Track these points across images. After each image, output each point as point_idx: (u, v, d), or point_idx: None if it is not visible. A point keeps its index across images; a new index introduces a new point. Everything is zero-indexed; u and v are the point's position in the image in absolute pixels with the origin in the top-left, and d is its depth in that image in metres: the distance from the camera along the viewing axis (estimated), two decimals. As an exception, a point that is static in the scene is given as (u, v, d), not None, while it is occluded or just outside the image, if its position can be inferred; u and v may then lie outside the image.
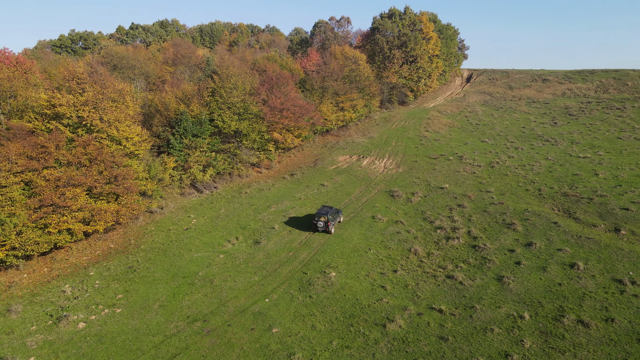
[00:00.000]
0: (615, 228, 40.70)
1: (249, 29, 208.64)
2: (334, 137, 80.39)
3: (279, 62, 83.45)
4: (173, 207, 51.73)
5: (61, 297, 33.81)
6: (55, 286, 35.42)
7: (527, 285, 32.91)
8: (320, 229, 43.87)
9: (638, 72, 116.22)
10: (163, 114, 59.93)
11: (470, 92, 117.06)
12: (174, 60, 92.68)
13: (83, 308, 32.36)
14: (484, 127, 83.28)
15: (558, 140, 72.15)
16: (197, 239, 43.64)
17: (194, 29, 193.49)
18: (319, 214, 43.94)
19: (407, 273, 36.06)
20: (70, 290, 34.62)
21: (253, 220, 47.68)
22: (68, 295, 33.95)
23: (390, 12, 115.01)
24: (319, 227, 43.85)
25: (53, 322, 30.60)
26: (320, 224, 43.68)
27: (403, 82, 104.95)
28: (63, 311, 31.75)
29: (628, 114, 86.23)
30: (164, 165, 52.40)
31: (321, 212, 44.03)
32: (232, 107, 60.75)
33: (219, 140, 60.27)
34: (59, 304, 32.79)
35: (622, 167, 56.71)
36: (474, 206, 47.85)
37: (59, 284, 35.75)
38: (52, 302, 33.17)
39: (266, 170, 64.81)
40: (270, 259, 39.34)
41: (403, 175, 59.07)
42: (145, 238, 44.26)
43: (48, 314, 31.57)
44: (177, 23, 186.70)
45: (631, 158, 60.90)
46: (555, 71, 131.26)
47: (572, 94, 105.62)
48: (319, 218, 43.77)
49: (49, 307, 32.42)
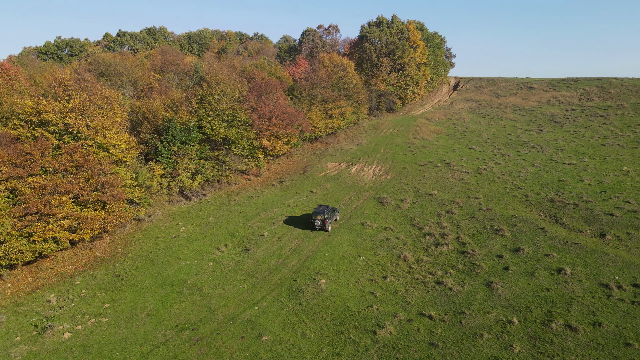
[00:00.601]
0: (600, 233, 41.26)
1: (237, 36, 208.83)
2: (322, 144, 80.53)
3: (268, 69, 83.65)
4: (161, 214, 51.24)
5: (46, 307, 33.20)
6: (40, 296, 34.78)
7: (516, 291, 33.16)
8: (317, 227, 45.28)
9: (620, 80, 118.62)
10: (151, 121, 59.55)
11: (457, 100, 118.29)
12: (162, 67, 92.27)
13: (69, 318, 31.80)
14: (471, 134, 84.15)
15: (544, 147, 73.15)
16: (186, 247, 43.24)
17: (182, 37, 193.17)
18: (315, 213, 45.35)
19: (397, 279, 36.10)
20: (56, 300, 34.02)
21: (242, 227, 47.42)
22: (53, 305, 33.35)
23: (378, 21, 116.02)
24: (316, 225, 45.22)
25: (38, 332, 30.00)
26: (317, 222, 45.07)
27: (391, 89, 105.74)
28: (48, 321, 31.16)
29: (611, 122, 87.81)
30: (151, 172, 51.98)
31: (317, 211, 45.47)
32: (221, 114, 60.61)
33: (207, 147, 60.00)
34: (43, 314, 32.19)
35: (606, 174, 57.65)
36: (462, 212, 48.19)
37: (44, 293, 35.12)
38: (37, 312, 32.55)
39: (255, 177, 64.62)
40: (259, 266, 39.12)
41: (392, 182, 59.32)
42: (132, 246, 43.74)
43: (33, 324, 30.96)
44: (165, 30, 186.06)
45: (615, 164, 61.94)
46: (540, 79, 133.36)
47: (557, 102, 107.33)
48: (316, 217, 45.13)
49: (34, 317, 31.80)
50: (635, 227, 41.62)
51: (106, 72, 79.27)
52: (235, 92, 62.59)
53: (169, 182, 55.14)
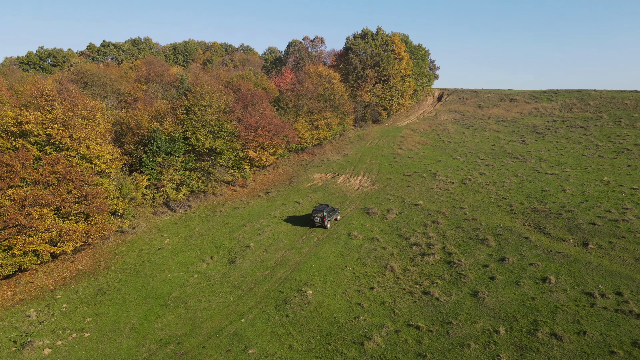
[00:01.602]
0: (583, 242, 41.88)
1: (222, 47, 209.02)
2: (309, 155, 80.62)
3: (254, 80, 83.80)
4: (145, 226, 50.52)
5: (25, 322, 32.27)
6: (19, 310, 33.82)
7: (502, 300, 33.35)
8: (317, 224, 48.53)
9: (599, 92, 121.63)
10: (135, 132, 58.96)
11: (441, 111, 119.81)
12: (147, 78, 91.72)
13: (49, 333, 30.95)
14: (456, 144, 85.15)
15: (527, 157, 74.34)
16: (171, 259, 42.62)
17: (167, 47, 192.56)
18: (315, 211, 48.62)
19: (384, 290, 36.03)
20: (36, 315, 33.11)
21: (228, 239, 46.98)
22: (33, 320, 32.44)
23: (363, 33, 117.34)
24: (316, 223, 48.48)
25: (17, 348, 29.11)
26: (317, 219, 48.26)
27: (376, 100, 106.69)
28: (27, 337, 30.27)
29: (591, 132, 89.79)
30: (136, 184, 51.34)
31: (317, 209, 48.74)
32: (207, 125, 60.34)
33: (193, 158, 59.57)
34: (23, 330, 31.28)
35: (587, 183, 58.74)
36: (448, 222, 48.51)
37: (24, 308, 34.17)
38: (16, 327, 31.61)
39: (241, 188, 64.27)
40: (245, 278, 38.71)
41: (378, 192, 59.54)
42: (115, 259, 42.96)
43: (11, 340, 30.04)
44: (150, 41, 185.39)
45: (596, 174, 63.19)
46: (522, 91, 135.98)
47: (539, 113, 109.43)
48: (316, 214, 48.35)
49: (13, 333, 30.86)
50: (617, 236, 42.37)
51: (90, 83, 78.47)
52: (221, 103, 62.46)
53: (154, 193, 54.53)
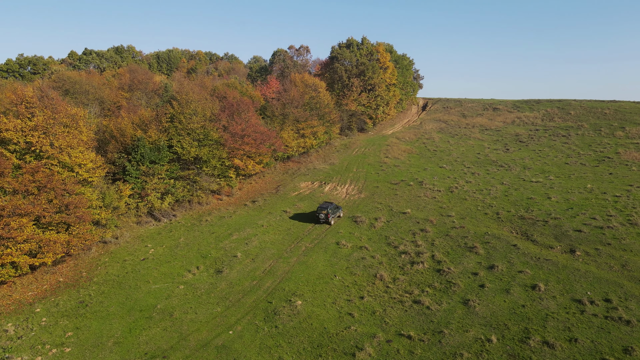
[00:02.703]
0: (570, 249, 42.13)
1: (207, 56, 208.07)
2: (295, 164, 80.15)
3: (239, 88, 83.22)
4: (129, 236, 49.31)
5: (3, 337, 30.93)
6: (-4, 325, 32.46)
7: (492, 308, 33.19)
8: (321, 220, 51.64)
9: (579, 102, 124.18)
10: (119, 140, 57.85)
11: (426, 120, 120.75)
12: (131, 86, 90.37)
13: (28, 348, 29.69)
14: (442, 153, 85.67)
15: (511, 165, 75.10)
16: (156, 270, 41.56)
17: (151, 56, 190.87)
18: (320, 208, 51.92)
19: (374, 299, 35.60)
20: (14, 330, 31.79)
21: (214, 248, 46.09)
22: (11, 335, 31.11)
23: (348, 42, 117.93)
24: (321, 219, 51.59)
25: (-7, 365, 27.84)
26: (322, 216, 51.37)
27: (362, 109, 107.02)
28: (5, 352, 28.98)
29: (573, 141, 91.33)
30: (119, 192, 50.18)
31: (322, 207, 52.09)
32: (192, 133, 59.52)
33: (178, 167, 58.61)
34: (0, 345, 29.94)
35: (572, 191, 59.45)
36: (436, 230, 48.45)
37: (1, 322, 32.78)
38: (-8, 343, 30.28)
39: (227, 197, 63.41)
40: (233, 288, 37.89)
41: (365, 201, 59.32)
42: (98, 270, 41.71)
43: (-13, 357, 28.73)
44: (133, 49, 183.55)
45: (579, 182, 64.05)
46: (504, 100, 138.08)
47: (521, 122, 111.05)
48: (321, 211, 51.56)
49: (-11, 349, 29.54)
50: (603, 243, 42.76)
51: (71, 90, 76.88)
52: (206, 111, 61.74)
53: (137, 202, 53.36)
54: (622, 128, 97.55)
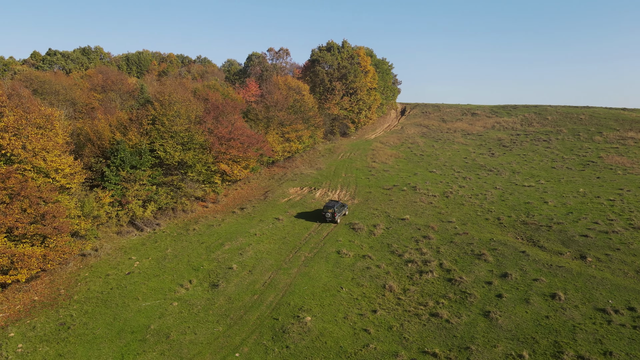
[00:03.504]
0: (580, 255, 40.98)
1: (179, 59, 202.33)
2: (280, 169, 77.18)
3: (221, 91, 79.77)
4: (110, 248, 45.18)
5: (-28, 369, 26.80)
6: (-37, 355, 28.19)
7: (516, 320, 31.30)
8: (327, 219, 51.41)
9: (554, 107, 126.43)
10: (95, 144, 53.57)
11: (407, 125, 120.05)
12: (104, 87, 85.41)
13: (3, 382, 25.71)
14: (429, 157, 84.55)
15: (500, 170, 74.57)
16: (144, 285, 37.79)
17: (120, 58, 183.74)
18: (326, 207, 51.86)
19: (388, 313, 33.15)
20: (-15, 359, 27.64)
21: (206, 260, 42.63)
22: (-18, 366, 27.00)
23: (329, 45, 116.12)
24: (327, 217, 51.41)
25: (-38, 404, 23.75)
26: (328, 215, 51.20)
27: (344, 113, 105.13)
28: (-24, 388, 24.94)
29: (554, 146, 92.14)
30: (98, 200, 46.05)
31: (328, 205, 52.14)
32: (176, 136, 55.81)
33: (160, 172, 54.76)
34: (-31, 379, 25.85)
35: (566, 195, 58.96)
36: (439, 237, 46.56)
37: (-31, 351, 28.53)
38: (-40, 376, 26.11)
39: (212, 204, 59.79)
40: (232, 304, 34.65)
41: (360, 207, 57.00)
42: (78, 286, 37.59)
43: (-46, 394, 24.59)
44: (101, 50, 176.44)
45: (570, 186, 63.84)
46: (482, 106, 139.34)
47: (501, 127, 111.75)
48: (327, 210, 51.41)
49: (-44, 384, 25.38)
50: (612, 248, 41.84)
51: (40, 90, 71.58)
52: (191, 113, 58.12)
53: (118, 211, 49.22)
54: (600, 133, 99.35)
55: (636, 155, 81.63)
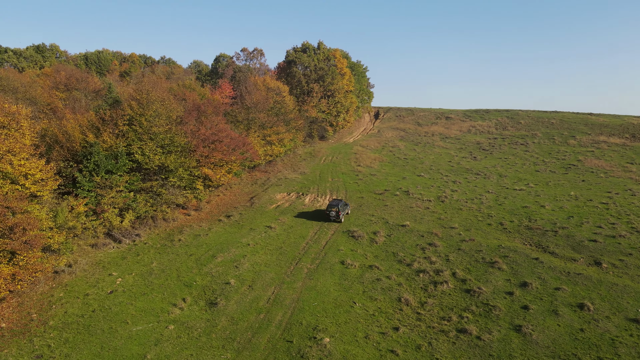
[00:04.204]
0: (595, 261, 39.62)
1: (142, 59, 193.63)
2: (262, 174, 73.30)
3: (198, 91, 75.15)
4: (86, 263, 40.13)
5: None
6: None
7: (550, 335, 29.12)
8: (332, 218, 50.74)
9: (526, 112, 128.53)
10: (65, 146, 48.18)
11: (383, 128, 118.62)
12: (67, 85, 78.72)
13: None
14: (413, 161, 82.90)
15: (487, 173, 73.72)
16: (131, 306, 33.26)
17: (78, 57, 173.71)
18: (330, 206, 51.16)
19: (411, 330, 30.28)
20: (-54, 407, 22.68)
21: (198, 274, 38.44)
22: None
23: (304, 47, 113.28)
24: (331, 217, 50.72)
25: None
26: (332, 214, 50.54)
27: (322, 116, 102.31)
28: None
29: (533, 149, 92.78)
30: (71, 209, 40.91)
31: (332, 204, 51.35)
32: (155, 138, 51.11)
33: (139, 177, 49.93)
34: None
35: (560, 199, 58.33)
36: (446, 244, 44.27)
37: None
38: None
39: (195, 211, 55.25)
40: (237, 325, 30.81)
41: (355, 213, 54.09)
42: (53, 310, 32.62)
43: None
44: (57, 48, 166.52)
45: (560, 190, 63.48)
46: (455, 110, 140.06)
47: (477, 131, 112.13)
48: (331, 209, 50.73)
49: None
50: (624, 254, 40.78)
51: (-6, 87, 64.66)
52: (171, 113, 53.54)
53: (92, 220, 44.09)
54: (573, 137, 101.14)
55: (612, 159, 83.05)
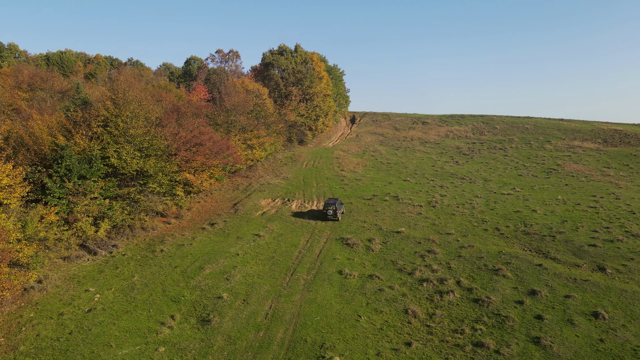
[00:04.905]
0: (598, 267, 38.75)
1: (107, 61, 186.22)
2: (244, 179, 70.21)
3: (175, 92, 71.55)
4: (58, 278, 36.22)
5: None
6: None
7: (571, 347, 27.64)
8: (329, 216, 51.01)
9: (500, 117, 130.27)
10: (31, 149, 44.03)
11: (362, 133, 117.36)
12: (31, 85, 73.49)
13: None
14: (397, 165, 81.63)
15: (472, 178, 73.15)
16: (113, 325, 29.81)
17: (40, 57, 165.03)
18: (327, 204, 51.58)
19: (424, 345, 28.20)
20: None
21: (186, 288, 35.25)
22: None
23: (281, 49, 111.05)
24: (329, 215, 51.02)
25: None
26: (330, 212, 50.89)
27: (301, 120, 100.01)
28: None
29: (511, 154, 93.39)
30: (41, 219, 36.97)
31: (329, 203, 51.79)
32: (133, 141, 47.53)
33: (115, 183, 46.22)
34: None
35: (549, 203, 57.99)
36: (445, 251, 42.63)
37: None
38: None
39: (176, 219, 51.71)
40: (235, 345, 27.92)
41: (346, 219, 51.91)
42: (23, 332, 28.82)
43: None
44: (16, 48, 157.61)
45: (547, 194, 63.36)
46: (430, 115, 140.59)
47: (455, 136, 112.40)
48: (329, 207, 51.16)
49: None
50: (625, 258, 40.16)
51: (-50, 86, 59.25)
52: (150, 114, 50.06)
53: (64, 231, 40.11)
54: (548, 142, 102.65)
55: (590, 163, 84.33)
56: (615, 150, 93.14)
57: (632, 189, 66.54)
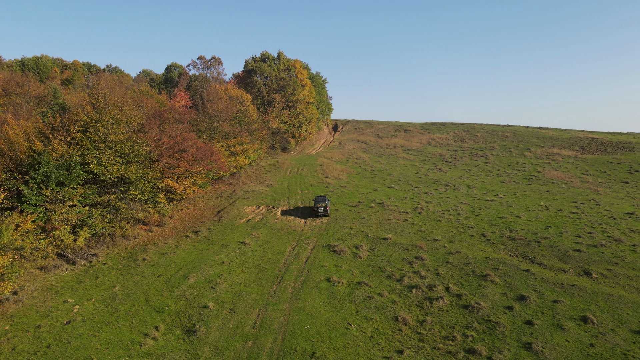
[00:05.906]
0: (584, 272, 39.05)
1: (85, 67, 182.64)
2: (227, 186, 69.15)
3: (156, 98, 70.30)
4: (34, 289, 34.72)
5: None
6: None
7: (562, 352, 27.56)
8: (320, 213, 52.70)
9: (480, 125, 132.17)
10: (6, 155, 42.36)
11: (344, 141, 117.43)
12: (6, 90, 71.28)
13: None
14: (381, 172, 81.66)
15: (456, 185, 73.61)
16: (94, 338, 28.56)
17: (14, 63, 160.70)
18: (317, 201, 53.35)
19: (416, 353, 27.78)
20: None
21: (170, 298, 34.15)
22: None
23: (263, 56, 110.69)
24: (319, 212, 52.69)
25: None
26: (321, 209, 52.60)
27: (284, 127, 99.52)
28: None
29: (493, 161, 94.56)
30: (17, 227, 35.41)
31: (319, 200, 53.71)
32: (114, 147, 46.25)
33: (94, 190, 44.76)
34: None
35: (532, 209, 58.58)
36: (432, 258, 42.47)
37: None
38: None
39: (158, 227, 50.40)
40: (222, 356, 27.00)
41: (332, 226, 51.40)
42: (-3, 347, 27.36)
43: None
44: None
45: (530, 200, 64.09)
46: (412, 123, 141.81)
47: (437, 144, 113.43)
48: (319, 204, 52.72)
49: None
50: (610, 263, 40.61)
51: None
52: (131, 119, 48.87)
53: (40, 239, 38.55)
54: (528, 149, 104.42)
55: (569, 170, 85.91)
56: (592, 158, 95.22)
57: (610, 195, 67.89)
